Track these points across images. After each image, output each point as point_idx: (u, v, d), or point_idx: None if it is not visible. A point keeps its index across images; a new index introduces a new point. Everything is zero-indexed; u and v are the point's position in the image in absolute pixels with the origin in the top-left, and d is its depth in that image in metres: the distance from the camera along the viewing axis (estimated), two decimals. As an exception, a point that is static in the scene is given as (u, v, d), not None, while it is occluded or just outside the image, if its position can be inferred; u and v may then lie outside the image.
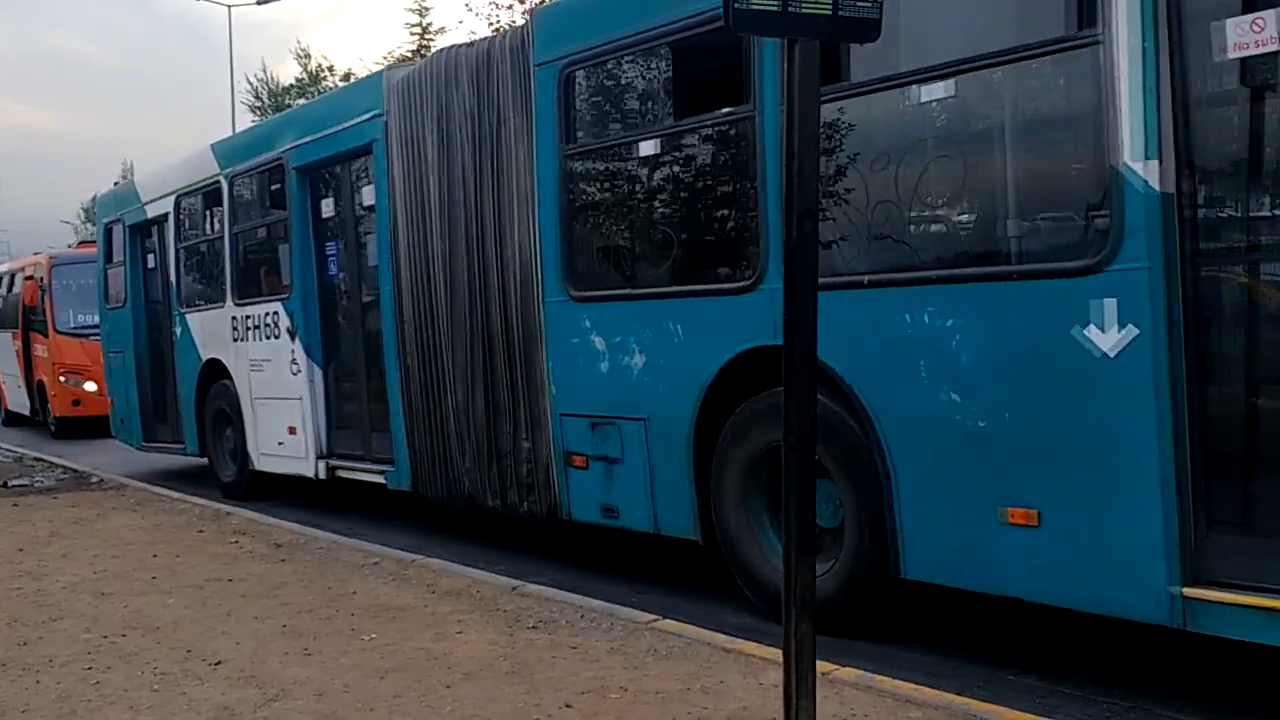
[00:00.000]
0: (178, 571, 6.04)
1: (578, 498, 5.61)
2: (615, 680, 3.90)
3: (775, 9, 2.21)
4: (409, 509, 8.00)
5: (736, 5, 2.21)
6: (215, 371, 9.26)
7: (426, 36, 29.89)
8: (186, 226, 9.91)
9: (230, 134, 12.08)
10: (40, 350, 16.27)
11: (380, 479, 7.24)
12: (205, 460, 10.01)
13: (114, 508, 8.26)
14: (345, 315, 7.82)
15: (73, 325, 16.14)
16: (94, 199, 10.64)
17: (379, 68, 36.25)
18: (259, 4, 28.24)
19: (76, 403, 15.83)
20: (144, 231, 10.68)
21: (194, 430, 9.77)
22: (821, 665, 2.93)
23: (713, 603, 5.15)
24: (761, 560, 4.78)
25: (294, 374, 8.12)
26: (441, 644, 4.42)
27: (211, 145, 9.31)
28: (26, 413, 16.80)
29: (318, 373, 8.07)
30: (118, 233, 11.29)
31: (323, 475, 7.90)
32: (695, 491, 4.97)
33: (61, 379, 15.99)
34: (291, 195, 7.84)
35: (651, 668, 3.99)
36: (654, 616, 4.69)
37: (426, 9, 30.24)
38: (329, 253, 7.89)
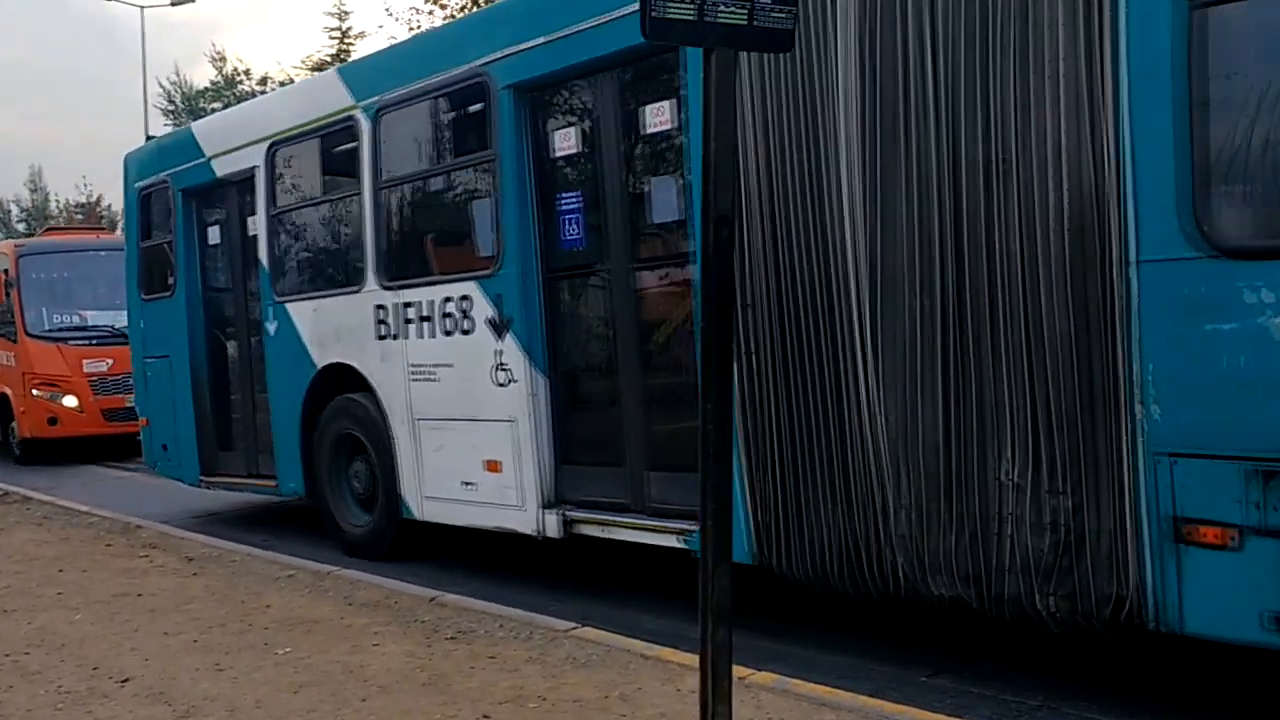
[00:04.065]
0: (85, 586, 6.31)
1: (1205, 598, 3.58)
2: (534, 689, 4.12)
3: (691, 18, 2.24)
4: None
5: (654, 14, 2.54)
6: (336, 382, 7.22)
7: (346, 40, 29.80)
8: (288, 184, 7.79)
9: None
10: (4, 358, 14.01)
11: (675, 541, 5.16)
12: (300, 502, 7.96)
13: (17, 522, 8.59)
14: (591, 299, 5.90)
15: (47, 327, 13.99)
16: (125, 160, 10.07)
17: (297, 72, 34.79)
18: (173, 4, 27.68)
19: (53, 420, 13.72)
20: (205, 196, 8.59)
21: (296, 462, 7.60)
22: (738, 670, 3.03)
23: (632, 609, 5.54)
24: None
25: (500, 384, 6.06)
26: (358, 656, 4.68)
27: (340, 70, 7.59)
28: None
29: (542, 383, 5.92)
30: (161, 200, 9.01)
31: (552, 532, 5.78)
32: None
33: (35, 392, 13.68)
34: (502, 126, 5.82)
35: (570, 676, 4.22)
36: (573, 624, 4.94)
37: (346, 13, 30.00)
38: (563, 208, 5.91)
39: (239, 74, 36.79)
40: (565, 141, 5.77)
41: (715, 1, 2.47)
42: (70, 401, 13.63)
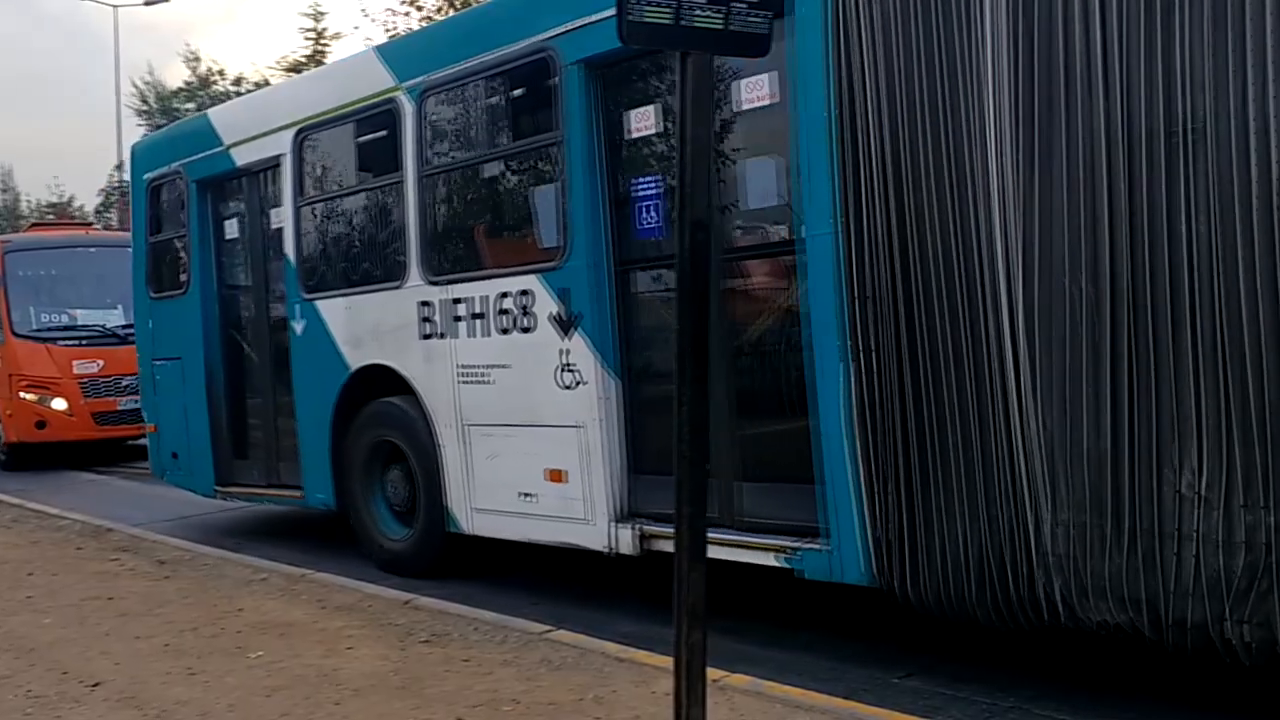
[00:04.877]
0: (55, 590, 6.65)
1: None
2: (508, 692, 4.41)
3: (668, 22, 2.22)
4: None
5: (630, 18, 2.35)
6: (372, 385, 7.01)
7: (322, 41, 30.12)
8: (318, 173, 7.57)
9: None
10: (-12, 359, 14.21)
11: (774, 560, 4.95)
12: (328, 513, 7.54)
13: (-15, 525, 7.85)
14: (671, 292, 5.49)
15: (35, 327, 14.20)
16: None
17: (272, 73, 34.51)
18: (146, 4, 27.61)
19: (41, 424, 13.88)
20: (222, 187, 8.52)
21: (326, 472, 7.36)
22: (712, 672, 3.24)
23: (607, 611, 5.94)
24: None
25: (566, 387, 5.74)
26: (331, 660, 5.01)
27: (378, 50, 7.39)
28: None
29: (613, 385, 5.63)
30: (173, 192, 8.86)
31: (626, 548, 5.56)
32: None
33: (22, 394, 13.79)
34: (570, 105, 5.63)
35: (545, 679, 4.54)
36: (548, 627, 5.29)
37: (322, 14, 30.31)
38: (639, 194, 5.60)
39: (213, 74, 37.79)
40: (642, 121, 5.51)
41: (692, 5, 2.56)
42: (59, 404, 13.72)
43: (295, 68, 33.36)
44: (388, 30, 24.28)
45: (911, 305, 4.22)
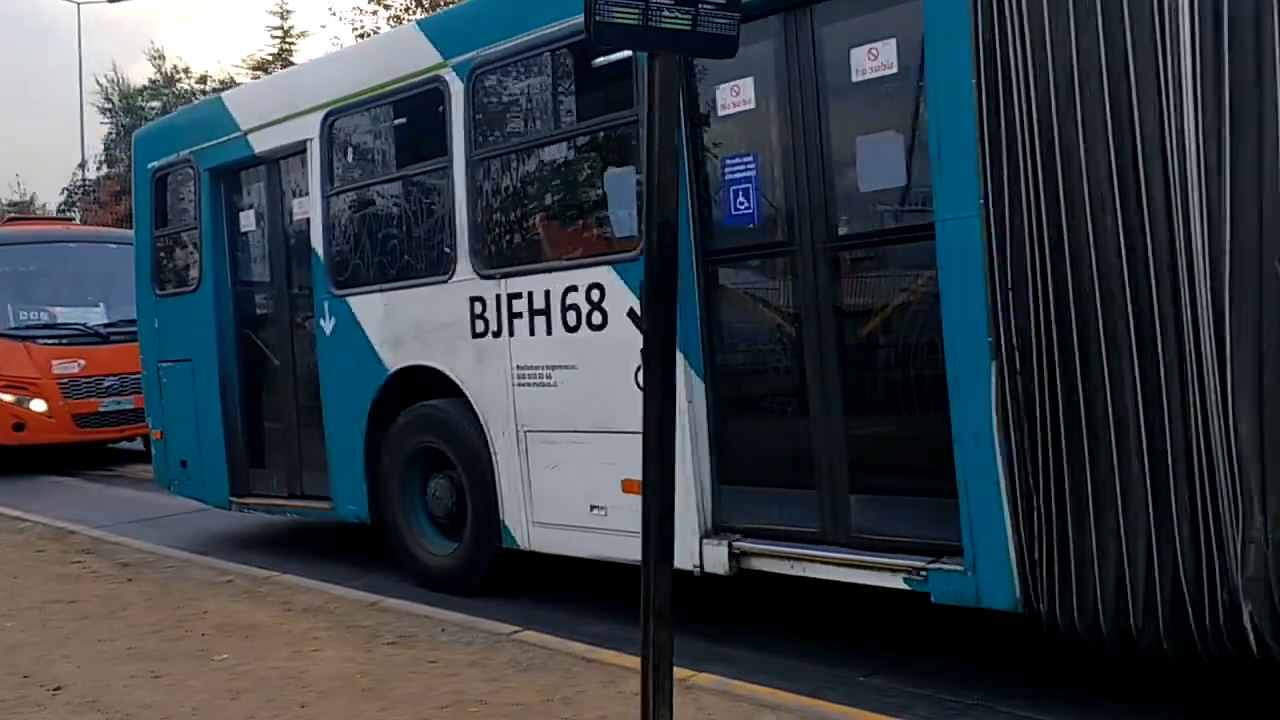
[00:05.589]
0: (15, 593, 6.82)
1: None
2: (475, 693, 4.54)
3: (636, 24, 2.25)
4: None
5: (598, 18, 2.31)
6: (413, 387, 6.75)
7: (288, 40, 30.18)
8: (350, 159, 7.26)
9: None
10: (-36, 357, 16.08)
11: (900, 582, 4.60)
12: (360, 525, 7.15)
13: (-56, 528, 7.94)
14: (769, 285, 5.26)
15: (12, 325, 14.12)
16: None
17: (238, 71, 34.58)
18: (110, 1, 27.43)
19: (19, 426, 13.70)
20: (238, 176, 8.28)
21: (360, 481, 7.07)
22: (679, 672, 3.33)
23: (573, 612, 6.16)
24: None
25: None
26: (297, 662, 5.17)
27: (421, 25, 7.02)
28: None
29: (700, 388, 5.31)
30: (182, 181, 8.56)
31: (716, 567, 5.23)
32: None
33: (0, 395, 14.02)
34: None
35: (512, 680, 4.69)
36: (515, 628, 5.49)
37: (289, 12, 30.36)
38: (731, 176, 5.20)
39: (178, 72, 37.40)
40: (734, 96, 5.21)
41: (659, 6, 2.57)
42: (38, 406, 13.49)
43: (261, 66, 33.60)
44: (355, 29, 24.34)
45: (1069, 295, 3.81)
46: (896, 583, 4.53)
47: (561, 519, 5.71)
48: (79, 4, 33.74)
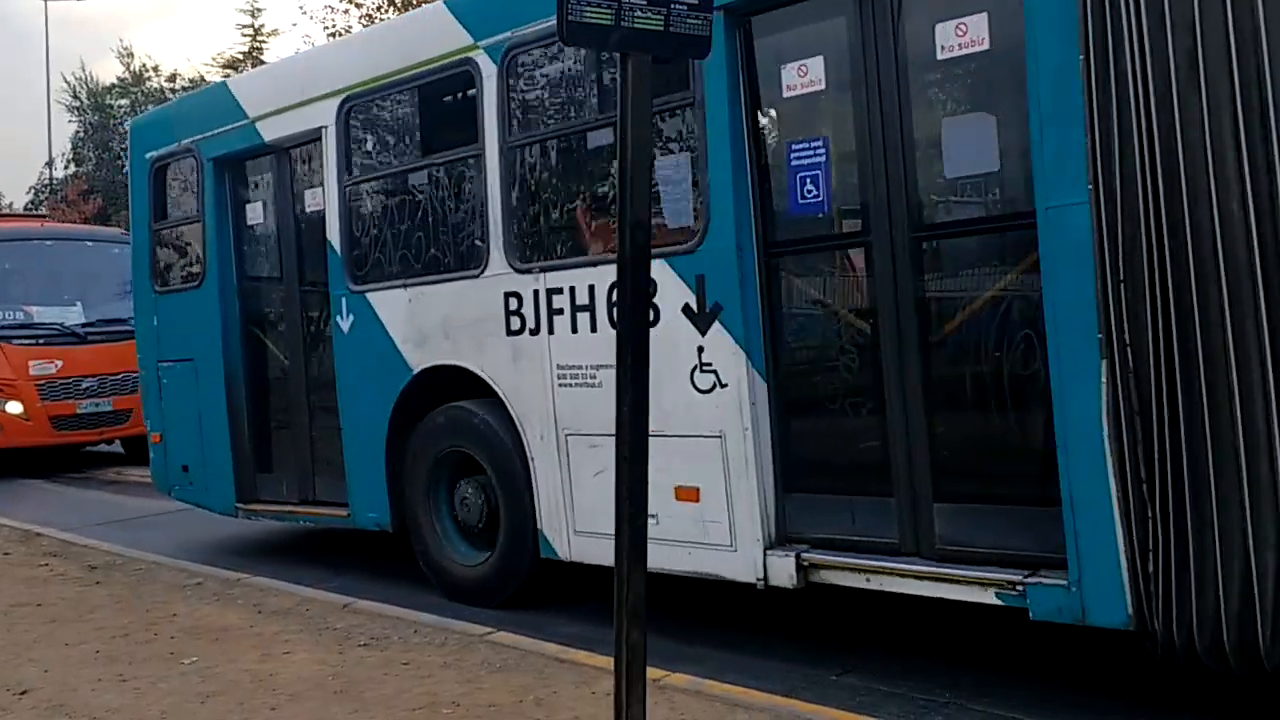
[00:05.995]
0: None
1: None
2: (448, 695, 4.56)
3: (609, 24, 2.24)
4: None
5: (571, 18, 2.28)
6: (440, 388, 6.50)
7: (259, 38, 30.15)
8: (369, 147, 7.00)
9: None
10: (-64, 358, 17.20)
11: (992, 597, 4.32)
12: (380, 533, 6.76)
13: (-95, 534, 7.96)
14: (839, 279, 5.03)
15: None
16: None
17: (208, 69, 35.18)
18: (77, -1, 27.51)
19: None
20: (244, 166, 8.05)
21: (381, 487, 6.79)
22: (652, 672, 3.38)
23: (546, 613, 6.23)
24: None
25: (703, 390, 5.16)
26: (268, 665, 5.22)
27: (448, 3, 6.53)
28: None
29: (761, 389, 5.09)
30: (183, 172, 8.32)
31: (782, 580, 5.01)
32: None
33: None
34: (709, 61, 4.47)
35: (485, 681, 4.73)
36: (488, 629, 5.66)
37: (259, 10, 30.36)
38: (798, 163, 4.91)
39: (147, 70, 37.18)
40: (801, 76, 4.97)
41: (632, 6, 2.58)
42: (14, 408, 13.29)
43: (232, 64, 33.47)
44: (326, 28, 24.29)
45: (1187, 287, 3.54)
46: (988, 598, 4.26)
47: (607, 528, 5.05)
48: (46, 1, 33.49)
